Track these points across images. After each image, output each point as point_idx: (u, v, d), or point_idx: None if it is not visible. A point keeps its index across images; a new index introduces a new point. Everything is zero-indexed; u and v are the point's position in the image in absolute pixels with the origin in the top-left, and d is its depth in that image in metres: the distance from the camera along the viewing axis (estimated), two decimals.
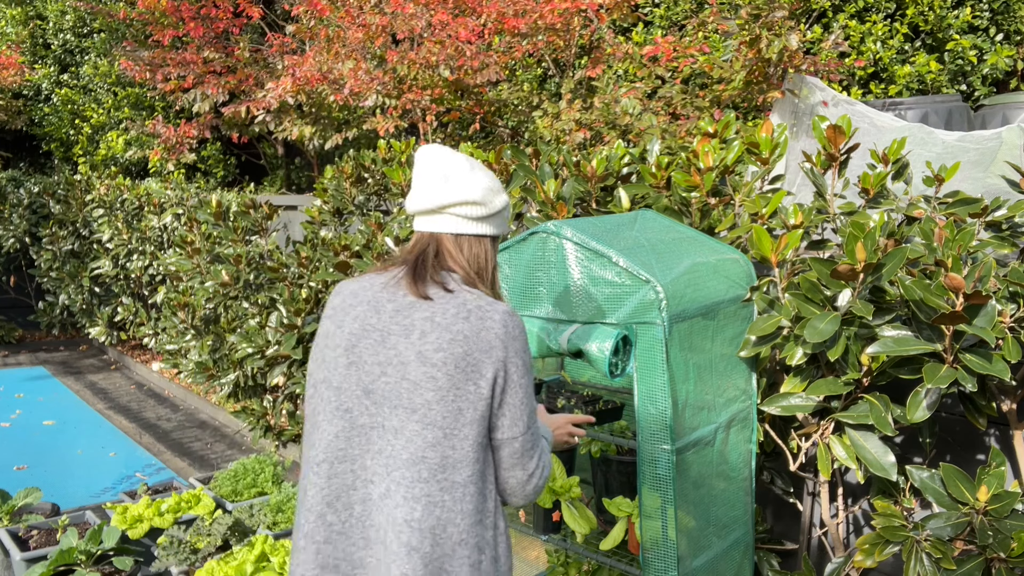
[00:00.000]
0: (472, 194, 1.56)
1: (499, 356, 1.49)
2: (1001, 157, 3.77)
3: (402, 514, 1.45)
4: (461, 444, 1.47)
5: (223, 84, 7.75)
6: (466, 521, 1.48)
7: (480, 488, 1.50)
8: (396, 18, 6.19)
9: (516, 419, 1.51)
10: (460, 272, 1.58)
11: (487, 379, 1.48)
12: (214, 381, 5.47)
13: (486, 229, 1.60)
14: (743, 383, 2.41)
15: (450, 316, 1.50)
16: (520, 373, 1.51)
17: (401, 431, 1.48)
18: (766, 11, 4.65)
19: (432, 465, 1.46)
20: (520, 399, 1.51)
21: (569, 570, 2.96)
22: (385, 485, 1.48)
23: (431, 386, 1.47)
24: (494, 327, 1.49)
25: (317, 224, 4.93)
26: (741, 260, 2.45)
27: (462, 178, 1.57)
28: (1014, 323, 2.00)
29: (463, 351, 1.47)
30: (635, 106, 5.00)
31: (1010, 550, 1.90)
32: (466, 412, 1.47)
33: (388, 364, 1.50)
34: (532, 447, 1.55)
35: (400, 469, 1.47)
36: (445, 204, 1.56)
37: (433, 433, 1.46)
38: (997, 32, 6.35)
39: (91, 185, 8.67)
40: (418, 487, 1.46)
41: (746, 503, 2.49)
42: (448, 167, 1.58)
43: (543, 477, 1.59)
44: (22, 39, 10.55)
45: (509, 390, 1.50)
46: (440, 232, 1.59)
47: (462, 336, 1.48)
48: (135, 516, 3.53)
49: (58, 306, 9.05)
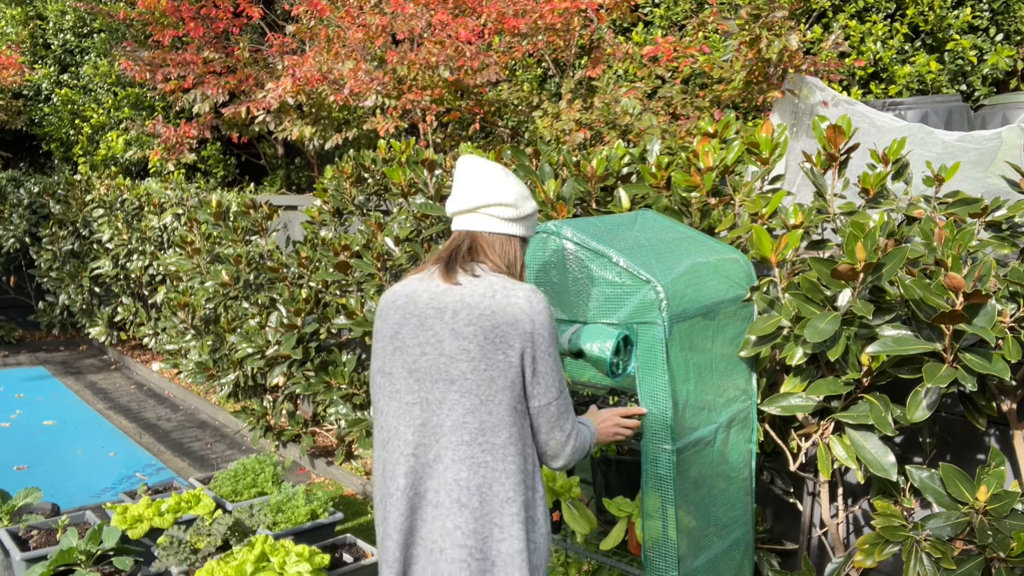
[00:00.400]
0: (505, 197, 1.76)
1: (525, 328, 1.65)
2: (1001, 157, 3.78)
3: (452, 475, 1.65)
4: (496, 409, 1.65)
5: (223, 84, 7.75)
6: (511, 480, 1.66)
7: (520, 450, 1.68)
8: (396, 18, 6.19)
9: (549, 386, 1.69)
10: (491, 265, 1.77)
11: (515, 349, 1.65)
12: (214, 381, 5.47)
13: (516, 230, 1.80)
14: (743, 383, 2.41)
15: (478, 295, 1.67)
16: (548, 343, 1.68)
17: (443, 402, 1.67)
18: (766, 11, 4.65)
19: (472, 429, 1.65)
20: (549, 366, 1.69)
21: (569, 570, 2.97)
22: (435, 452, 1.68)
23: (464, 357, 1.65)
24: (519, 302, 1.66)
25: (317, 224, 4.94)
26: (741, 260, 2.45)
27: (496, 182, 1.77)
28: (1014, 323, 2.00)
29: (491, 324, 1.64)
30: (635, 106, 5.00)
31: (1010, 550, 1.90)
32: (498, 380, 1.65)
33: (427, 344, 1.69)
34: (567, 410, 1.74)
35: (446, 435, 1.66)
36: (480, 205, 1.77)
37: (471, 400, 1.65)
38: (997, 32, 6.35)
39: (91, 185, 8.67)
40: (462, 449, 1.65)
41: (746, 503, 2.49)
42: (484, 173, 1.78)
43: (580, 439, 1.78)
44: (22, 39, 10.54)
45: (539, 359, 1.67)
46: (475, 230, 1.79)
47: (489, 311, 1.65)
48: (135, 516, 3.53)
49: (58, 306, 9.05)
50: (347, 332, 4.76)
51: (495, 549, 1.65)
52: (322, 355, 4.69)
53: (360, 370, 4.57)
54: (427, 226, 4.09)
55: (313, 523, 3.63)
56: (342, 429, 4.59)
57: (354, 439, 4.72)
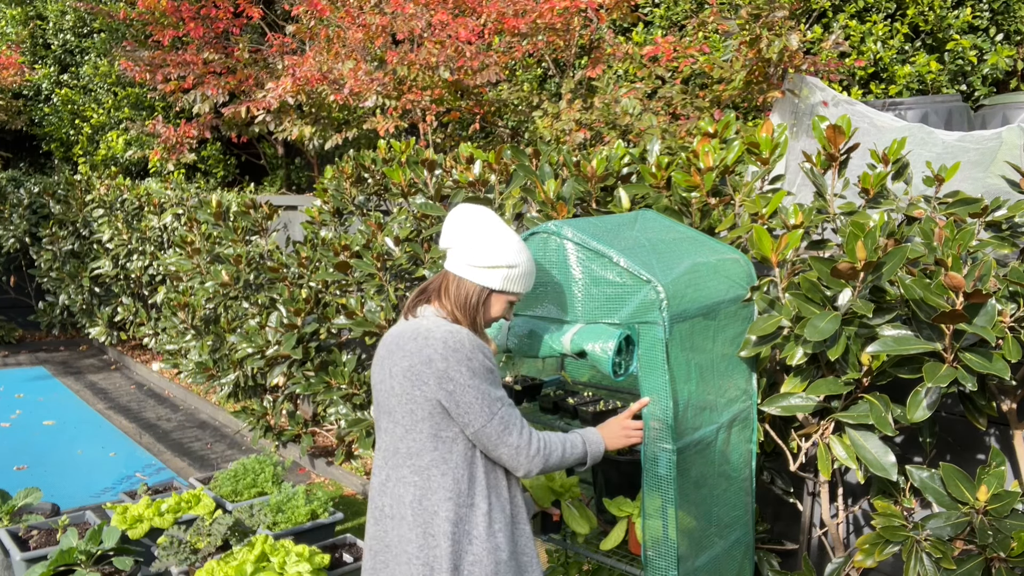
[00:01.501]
0: (468, 242, 1.91)
1: (439, 367, 1.83)
2: (1001, 157, 3.78)
3: (397, 492, 1.91)
4: (418, 436, 1.87)
5: (223, 85, 7.74)
6: (437, 496, 1.87)
7: (446, 471, 1.87)
8: (396, 18, 6.19)
9: (476, 414, 1.85)
10: (441, 306, 1.96)
11: (430, 386, 1.83)
12: (214, 381, 5.47)
13: (475, 276, 1.93)
14: (744, 383, 2.41)
15: (406, 337, 1.90)
16: (466, 377, 1.83)
17: (386, 430, 1.95)
18: (766, 11, 4.65)
19: (402, 454, 1.90)
20: (473, 397, 1.84)
21: (569, 570, 2.97)
22: (385, 473, 1.95)
23: (394, 392, 1.89)
24: (435, 344, 1.84)
25: (317, 224, 4.93)
26: (741, 260, 2.45)
27: (467, 229, 1.92)
28: (1014, 322, 2.00)
29: (409, 364, 1.86)
30: (635, 106, 5.00)
31: (1010, 550, 1.90)
32: (417, 412, 1.86)
33: (380, 381, 1.95)
34: (506, 427, 1.88)
35: (388, 458, 1.94)
36: (448, 246, 1.96)
37: (399, 429, 1.90)
38: (997, 32, 6.35)
39: (91, 185, 8.67)
40: (397, 471, 1.92)
41: (747, 503, 2.49)
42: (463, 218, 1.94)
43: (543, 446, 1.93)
44: (22, 39, 10.54)
45: (458, 393, 1.84)
46: (446, 268, 1.98)
47: (410, 352, 1.87)
48: (135, 516, 3.53)
49: (58, 306, 9.05)
50: (347, 332, 4.76)
51: (431, 555, 1.86)
52: (322, 355, 4.69)
53: (360, 370, 4.57)
54: (427, 226, 4.09)
55: (313, 523, 3.63)
56: (342, 429, 4.59)
57: (354, 439, 4.72)
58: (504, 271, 1.93)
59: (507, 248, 1.93)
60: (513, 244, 1.94)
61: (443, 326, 1.88)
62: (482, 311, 1.96)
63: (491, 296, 1.97)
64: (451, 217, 1.96)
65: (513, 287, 1.97)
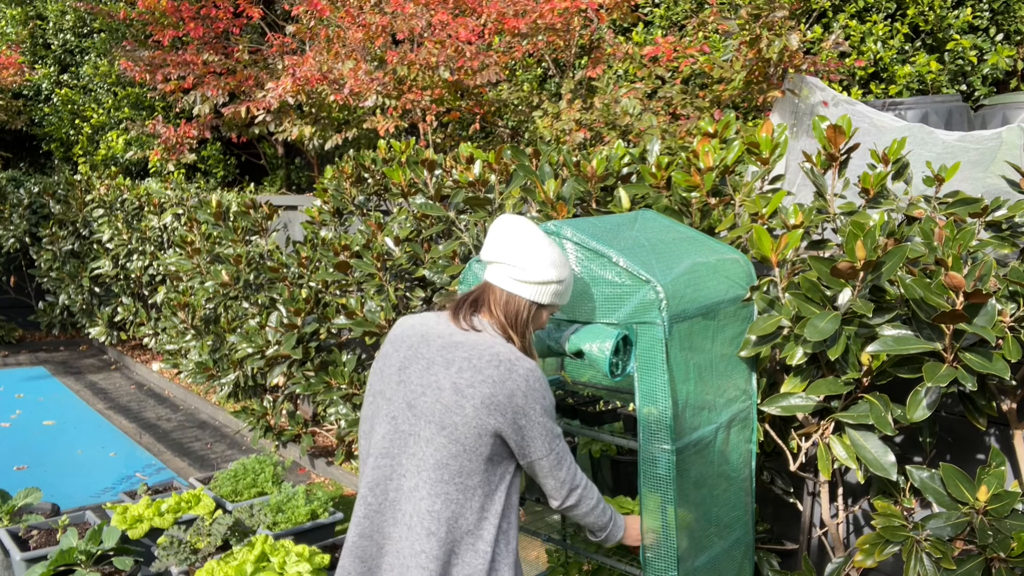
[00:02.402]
0: (518, 258, 1.90)
1: (519, 403, 1.83)
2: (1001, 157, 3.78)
3: (426, 505, 1.85)
4: (476, 458, 1.85)
5: (223, 85, 7.74)
6: (474, 516, 1.87)
7: (486, 491, 1.88)
8: (396, 18, 6.19)
9: (537, 447, 1.88)
10: (491, 318, 1.94)
11: (507, 417, 1.83)
12: (214, 381, 5.47)
13: (525, 292, 1.92)
14: (743, 383, 2.41)
15: (484, 361, 1.84)
16: (539, 414, 1.86)
17: (431, 441, 1.86)
18: (766, 11, 4.65)
19: (453, 471, 1.85)
20: (538, 432, 1.87)
21: (569, 570, 2.97)
22: (414, 481, 1.88)
23: (459, 411, 1.83)
24: (518, 380, 1.83)
25: (317, 224, 4.93)
26: (741, 260, 2.45)
27: (517, 243, 1.91)
28: (1014, 322, 2.00)
29: (490, 392, 1.82)
30: (635, 106, 5.00)
31: (1010, 550, 1.90)
32: (484, 436, 1.84)
33: (428, 387, 1.88)
34: (559, 463, 1.93)
35: (428, 471, 1.86)
36: (496, 260, 1.93)
37: (456, 447, 1.84)
38: (997, 32, 6.35)
39: (91, 185, 8.67)
40: (440, 486, 1.84)
41: (746, 503, 2.49)
42: (512, 231, 1.92)
43: (587, 493, 2.01)
44: (22, 39, 10.54)
45: (527, 427, 1.86)
46: (490, 281, 1.96)
47: (491, 380, 1.83)
48: (135, 516, 3.53)
49: (58, 306, 9.05)
50: (347, 332, 4.76)
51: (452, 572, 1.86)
52: (322, 355, 4.69)
53: (360, 370, 4.57)
54: (427, 226, 4.09)
55: (313, 523, 3.63)
56: (342, 429, 4.59)
57: (354, 439, 4.72)
58: (554, 287, 1.95)
59: (556, 264, 1.94)
60: (559, 259, 1.95)
61: (525, 361, 1.87)
62: (532, 326, 1.98)
63: (539, 310, 1.99)
64: (497, 230, 1.95)
65: (561, 301, 2.00)
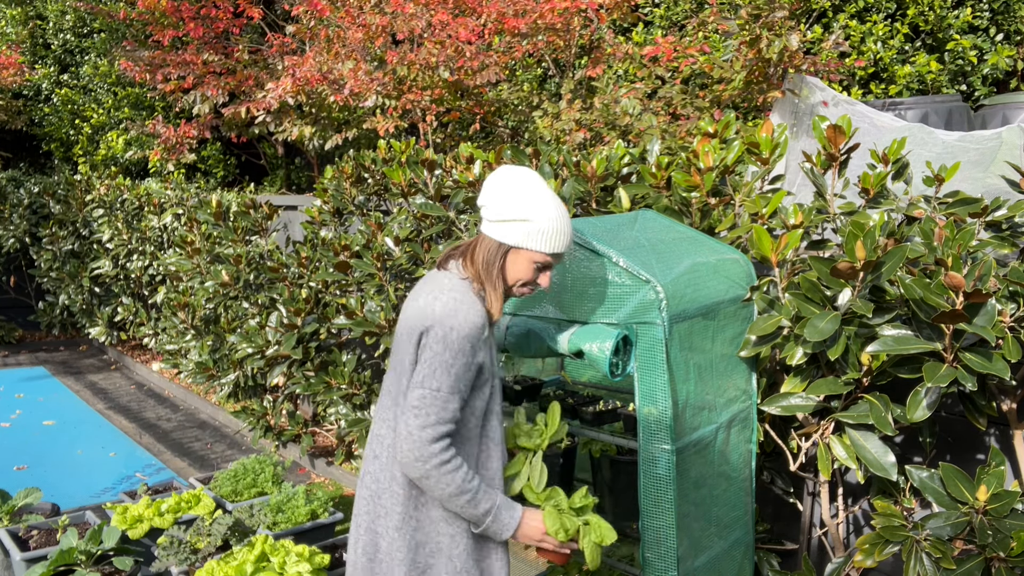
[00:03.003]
0: (488, 199, 1.88)
1: (426, 324, 1.82)
2: (1001, 157, 3.77)
3: (375, 429, 1.99)
4: (407, 380, 1.88)
5: (223, 85, 7.74)
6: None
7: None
8: (396, 18, 6.19)
9: (425, 376, 1.81)
10: (469, 265, 1.92)
11: (413, 343, 1.85)
12: (214, 381, 5.47)
13: (492, 232, 1.88)
14: (743, 383, 2.41)
15: (423, 290, 1.89)
16: (436, 339, 1.80)
17: (390, 370, 1.99)
18: (766, 11, 4.65)
19: (393, 395, 1.93)
20: (429, 359, 1.81)
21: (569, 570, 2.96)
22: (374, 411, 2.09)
23: (398, 338, 1.93)
24: (433, 304, 1.83)
25: (317, 224, 4.93)
26: (741, 260, 2.45)
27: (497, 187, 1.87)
28: (1014, 322, 2.00)
29: (414, 315, 1.86)
30: (635, 106, 5.00)
31: (1009, 550, 1.90)
32: (405, 360, 1.88)
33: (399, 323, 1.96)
34: (427, 407, 1.80)
35: (381, 399, 1.99)
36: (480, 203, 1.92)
37: (395, 372, 1.93)
38: (997, 32, 6.35)
39: (91, 185, 8.67)
40: (382, 412, 1.97)
41: (747, 503, 2.49)
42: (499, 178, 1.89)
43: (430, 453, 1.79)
44: (22, 39, 10.54)
45: (425, 349, 1.82)
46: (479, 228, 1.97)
47: (419, 305, 1.86)
48: (135, 516, 3.52)
49: (58, 306, 9.04)
50: (347, 332, 4.76)
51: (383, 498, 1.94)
52: (322, 355, 4.69)
53: (360, 370, 4.57)
54: (427, 226, 4.09)
55: (313, 523, 3.62)
56: (342, 429, 4.59)
57: (354, 439, 4.72)
58: (521, 225, 1.84)
59: (526, 201, 1.84)
60: (534, 198, 1.84)
61: (454, 292, 1.83)
62: (498, 270, 1.88)
63: (509, 254, 1.89)
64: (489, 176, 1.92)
65: (534, 244, 1.86)
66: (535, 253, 1.88)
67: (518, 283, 1.92)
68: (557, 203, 1.89)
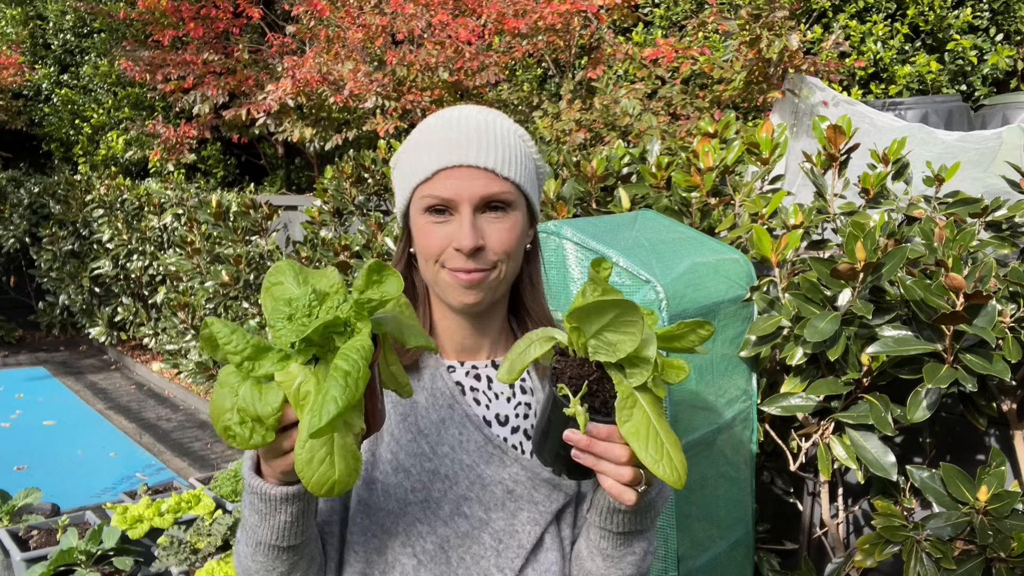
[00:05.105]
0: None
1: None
2: (1001, 157, 3.77)
3: None
4: None
5: (223, 85, 7.75)
6: None
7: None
8: (396, 18, 6.19)
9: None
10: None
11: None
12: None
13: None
14: (743, 383, 2.41)
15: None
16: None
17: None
18: (766, 11, 4.65)
19: None
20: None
21: None
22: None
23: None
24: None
25: (317, 224, 4.93)
26: (741, 260, 2.45)
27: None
28: (1014, 323, 2.00)
29: None
30: (635, 107, 5.00)
31: (1010, 550, 1.90)
32: None
33: None
34: None
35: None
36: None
37: None
38: (997, 32, 6.35)
39: (91, 185, 8.67)
40: None
41: (747, 503, 2.49)
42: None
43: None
44: (22, 39, 10.55)
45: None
46: None
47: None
48: (135, 516, 3.53)
49: (58, 306, 9.05)
50: None
51: None
52: None
53: None
54: None
55: None
56: None
57: None
58: (394, 176, 1.28)
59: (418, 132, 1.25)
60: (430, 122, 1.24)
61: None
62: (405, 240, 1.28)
63: (408, 217, 1.25)
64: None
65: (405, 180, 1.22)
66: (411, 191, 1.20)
67: (435, 258, 1.19)
68: (437, 116, 1.24)
